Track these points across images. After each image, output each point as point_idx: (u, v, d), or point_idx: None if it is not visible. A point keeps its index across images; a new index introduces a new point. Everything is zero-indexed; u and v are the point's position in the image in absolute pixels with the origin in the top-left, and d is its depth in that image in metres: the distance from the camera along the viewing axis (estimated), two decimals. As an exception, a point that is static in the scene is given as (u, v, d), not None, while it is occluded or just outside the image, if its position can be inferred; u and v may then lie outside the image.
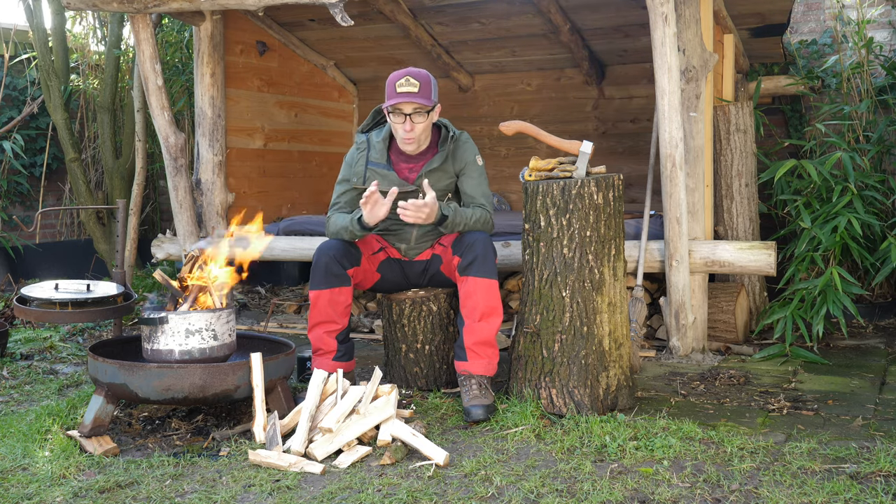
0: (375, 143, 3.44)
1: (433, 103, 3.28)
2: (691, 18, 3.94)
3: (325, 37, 5.79)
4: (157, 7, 4.32)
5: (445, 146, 3.38)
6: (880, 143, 4.94)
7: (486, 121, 6.25)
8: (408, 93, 3.21)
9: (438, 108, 3.35)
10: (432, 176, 3.37)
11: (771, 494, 2.35)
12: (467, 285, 3.22)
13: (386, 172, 3.39)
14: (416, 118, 3.26)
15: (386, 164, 3.40)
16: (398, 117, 3.27)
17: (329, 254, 3.34)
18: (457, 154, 3.41)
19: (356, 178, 3.42)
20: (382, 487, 2.47)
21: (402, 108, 3.25)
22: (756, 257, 3.95)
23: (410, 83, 3.22)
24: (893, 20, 5.70)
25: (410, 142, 3.31)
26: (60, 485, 2.53)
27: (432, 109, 3.30)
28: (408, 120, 3.26)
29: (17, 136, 6.20)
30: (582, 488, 2.43)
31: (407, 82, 3.22)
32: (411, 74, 3.24)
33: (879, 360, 3.99)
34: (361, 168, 3.41)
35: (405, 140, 3.31)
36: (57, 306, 3.24)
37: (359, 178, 3.41)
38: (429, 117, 3.30)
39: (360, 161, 3.42)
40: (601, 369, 3.13)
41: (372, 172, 3.40)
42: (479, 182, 3.42)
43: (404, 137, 3.30)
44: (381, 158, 3.41)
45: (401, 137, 3.32)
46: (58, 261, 6.54)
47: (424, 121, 3.28)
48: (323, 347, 3.38)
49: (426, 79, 3.27)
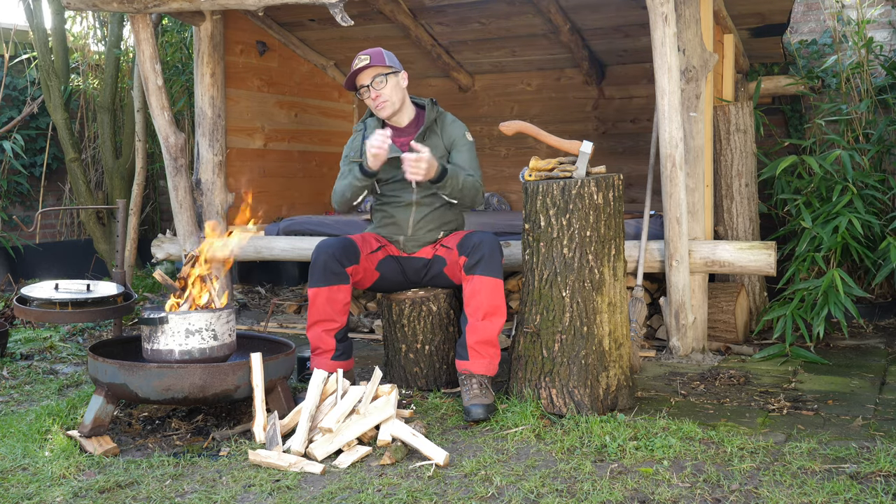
0: (371, 123, 3.63)
1: (392, 67, 3.47)
2: (691, 18, 3.94)
3: (325, 37, 5.79)
4: (157, 7, 4.32)
5: (429, 113, 3.53)
6: (880, 143, 4.94)
7: (486, 121, 6.24)
8: (361, 67, 3.43)
9: (404, 74, 3.54)
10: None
11: (771, 494, 2.35)
12: (473, 284, 3.23)
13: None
14: (377, 84, 3.44)
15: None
16: (365, 93, 3.48)
17: (328, 252, 3.35)
18: (446, 129, 3.56)
19: (353, 153, 3.57)
20: (382, 487, 2.47)
21: (362, 81, 3.46)
22: (756, 257, 3.95)
23: (360, 59, 3.45)
24: (893, 20, 5.70)
25: (383, 106, 3.48)
26: (60, 485, 2.53)
27: (393, 73, 3.47)
28: (370, 89, 3.44)
29: (17, 136, 6.20)
30: (582, 488, 2.43)
31: (359, 60, 3.45)
32: (362, 53, 3.48)
33: (879, 360, 3.99)
34: (358, 143, 3.59)
35: (378, 108, 3.49)
36: (57, 306, 3.24)
37: (356, 153, 3.56)
38: (391, 80, 3.46)
39: (357, 139, 3.62)
40: (601, 369, 3.13)
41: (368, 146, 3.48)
42: (469, 156, 3.54)
43: (376, 106, 3.49)
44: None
45: (375, 109, 3.51)
46: (58, 261, 6.54)
47: (386, 83, 3.45)
48: (321, 346, 3.38)
49: (376, 51, 3.49)
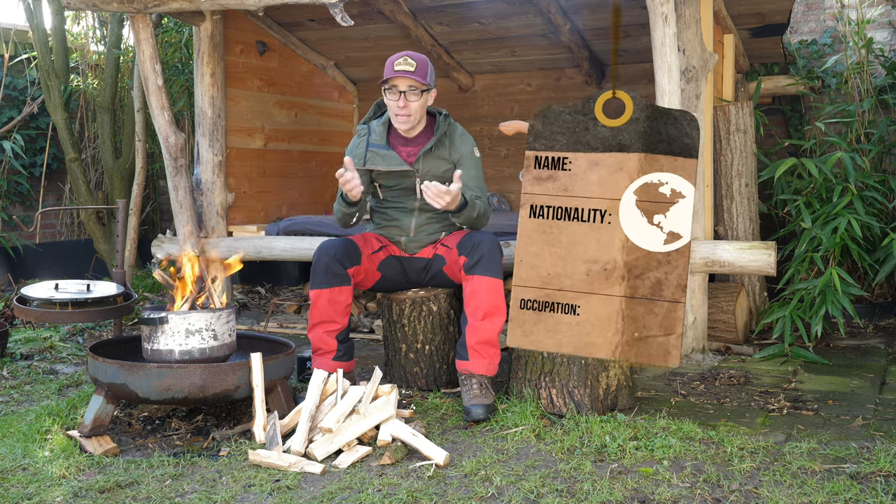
0: (375, 127, 3.54)
1: (428, 85, 3.37)
2: (691, 18, 3.93)
3: (325, 37, 5.79)
4: (157, 7, 4.32)
5: (439, 128, 3.46)
6: (880, 143, 4.94)
7: (486, 121, 6.25)
8: (404, 71, 3.31)
9: (434, 93, 3.45)
10: (430, 161, 3.46)
11: (771, 494, 2.35)
12: (472, 284, 3.23)
13: (385, 153, 3.46)
14: (411, 96, 3.35)
15: (385, 144, 3.48)
16: (393, 94, 3.37)
17: (329, 253, 3.35)
18: (455, 142, 3.49)
19: (357, 160, 3.49)
20: (382, 487, 2.47)
21: (397, 84, 3.35)
22: (756, 257, 3.94)
23: (408, 62, 3.33)
24: (893, 20, 5.70)
25: (404, 120, 3.39)
26: (60, 485, 2.53)
27: (427, 90, 3.38)
28: (402, 97, 3.35)
29: (17, 136, 6.20)
30: (582, 488, 2.43)
31: (405, 62, 3.34)
32: (409, 55, 3.36)
33: (879, 360, 3.99)
34: (362, 150, 3.50)
35: (398, 117, 3.39)
36: (57, 306, 3.24)
37: (359, 160, 3.49)
38: (423, 97, 3.38)
39: (361, 145, 3.52)
40: (601, 369, 3.13)
41: (372, 154, 3.48)
42: (476, 174, 3.49)
43: (398, 114, 3.38)
44: (380, 140, 3.49)
45: (394, 114, 3.40)
46: (58, 261, 6.53)
47: (418, 100, 3.36)
48: (323, 347, 3.38)
49: (423, 61, 3.38)
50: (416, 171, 3.45)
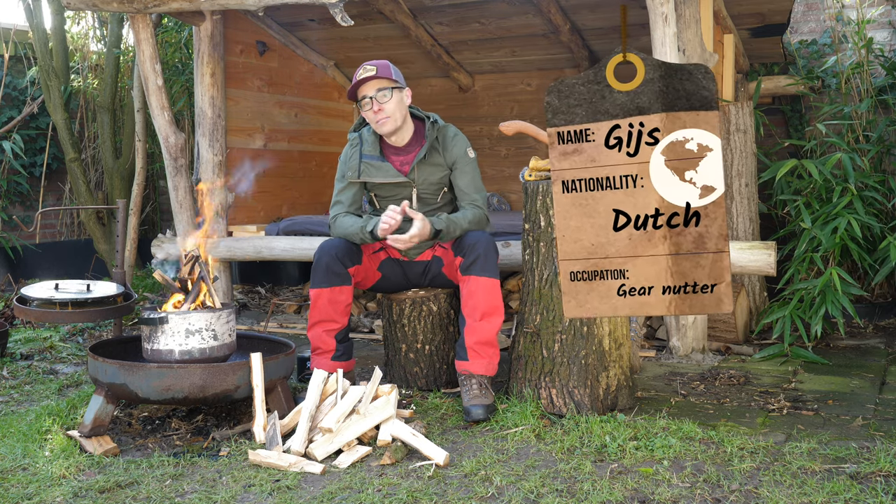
0: (367, 137, 3.49)
1: (397, 82, 3.35)
2: (691, 18, 3.94)
3: (325, 37, 5.78)
4: (157, 7, 4.32)
5: (429, 134, 3.42)
6: (880, 144, 4.94)
7: (486, 121, 6.25)
8: (366, 77, 3.30)
9: (408, 91, 3.42)
10: (425, 169, 3.42)
11: (771, 494, 2.35)
12: (469, 284, 3.23)
13: (380, 164, 3.43)
14: (381, 98, 3.31)
15: (379, 155, 3.45)
16: (366, 105, 3.34)
17: (330, 253, 3.34)
18: (447, 146, 3.44)
19: (351, 173, 3.47)
20: (382, 487, 2.47)
21: (365, 91, 3.33)
22: (756, 257, 3.95)
23: (366, 69, 3.34)
24: (893, 20, 5.70)
25: (384, 122, 3.35)
26: (60, 485, 2.53)
27: (397, 88, 3.35)
28: (374, 101, 3.31)
29: (16, 136, 6.20)
30: (582, 488, 2.43)
31: (364, 70, 3.33)
32: (368, 63, 3.35)
33: (879, 360, 3.99)
34: (356, 162, 3.46)
35: (379, 123, 3.35)
36: (57, 306, 3.24)
37: (353, 172, 3.46)
38: (395, 96, 3.34)
39: (354, 156, 3.48)
40: (601, 369, 3.13)
41: (366, 165, 3.44)
42: (472, 177, 3.46)
43: (377, 120, 3.35)
44: (373, 151, 3.46)
45: (375, 122, 3.37)
46: (58, 261, 6.54)
47: (390, 98, 3.32)
48: (322, 346, 3.38)
49: (384, 63, 3.37)
50: (412, 181, 3.42)
